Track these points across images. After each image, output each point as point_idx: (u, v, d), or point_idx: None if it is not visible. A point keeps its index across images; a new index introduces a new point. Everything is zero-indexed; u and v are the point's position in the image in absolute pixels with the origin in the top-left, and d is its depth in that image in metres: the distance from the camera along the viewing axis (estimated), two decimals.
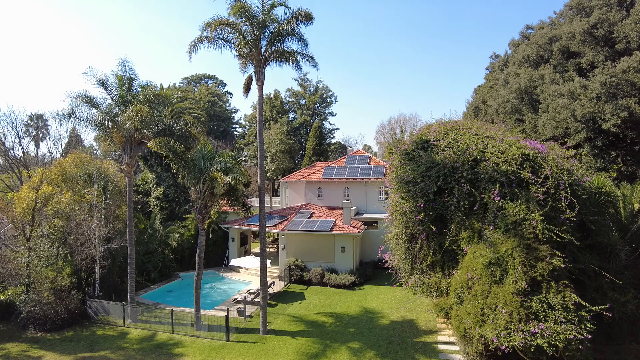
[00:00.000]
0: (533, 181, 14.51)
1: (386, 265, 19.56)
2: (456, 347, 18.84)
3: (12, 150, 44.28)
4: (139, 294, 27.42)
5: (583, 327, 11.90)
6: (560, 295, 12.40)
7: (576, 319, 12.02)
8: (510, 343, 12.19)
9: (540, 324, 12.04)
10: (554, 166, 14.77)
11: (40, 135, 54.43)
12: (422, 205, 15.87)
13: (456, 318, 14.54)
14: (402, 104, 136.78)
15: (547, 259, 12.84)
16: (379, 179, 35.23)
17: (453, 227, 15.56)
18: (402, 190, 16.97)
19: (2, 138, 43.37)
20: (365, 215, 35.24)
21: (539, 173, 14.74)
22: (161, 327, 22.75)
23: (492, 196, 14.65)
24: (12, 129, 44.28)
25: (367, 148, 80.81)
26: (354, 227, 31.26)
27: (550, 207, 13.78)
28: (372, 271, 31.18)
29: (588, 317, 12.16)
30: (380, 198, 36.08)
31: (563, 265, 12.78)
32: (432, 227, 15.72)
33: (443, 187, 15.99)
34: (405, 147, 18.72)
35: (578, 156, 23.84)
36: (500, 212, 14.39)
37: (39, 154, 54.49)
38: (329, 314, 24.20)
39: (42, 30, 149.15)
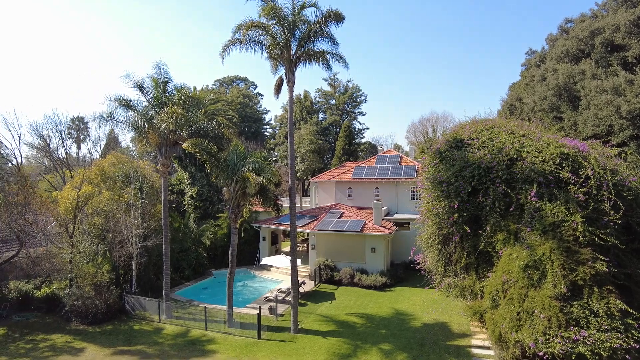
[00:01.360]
0: (573, 181, 13.90)
1: (418, 267, 19.26)
2: (491, 352, 18.35)
3: (56, 152, 46.62)
4: (173, 290, 28.19)
5: (630, 335, 11.29)
6: (604, 302, 11.81)
7: (622, 326, 11.42)
8: (550, 350, 11.72)
9: (582, 330, 11.52)
10: (596, 165, 14.08)
11: (81, 137, 57.05)
12: (456, 205, 15.51)
13: (491, 322, 14.13)
14: (433, 103, 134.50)
15: (589, 262, 12.26)
16: (411, 179, 34.76)
17: (488, 229, 15.13)
18: (435, 191, 16.65)
19: (48, 140, 45.72)
20: (396, 216, 34.84)
21: (580, 173, 14.10)
22: (194, 323, 23.30)
23: (529, 197, 14.15)
24: (56, 131, 46.59)
25: (397, 147, 79.92)
26: (384, 227, 30.98)
27: (592, 208, 13.16)
28: (403, 273, 30.80)
29: (635, 325, 11.53)
30: (411, 198, 35.60)
31: (607, 270, 12.16)
32: (466, 228, 15.33)
33: (478, 187, 15.57)
34: (437, 146, 18.36)
35: (623, 155, 22.64)
36: (537, 214, 13.87)
37: (80, 155, 57.06)
38: (360, 315, 24.09)
39: (84, 37, 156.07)
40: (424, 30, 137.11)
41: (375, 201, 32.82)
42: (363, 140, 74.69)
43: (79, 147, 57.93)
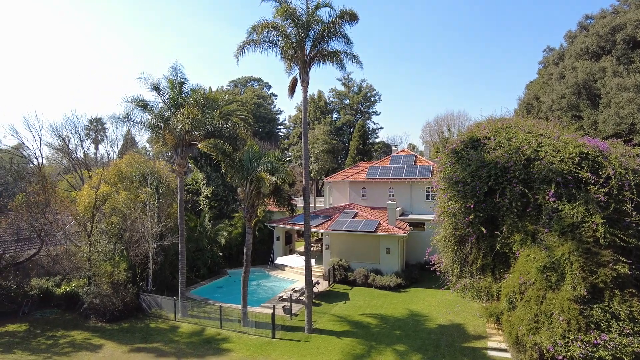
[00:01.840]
0: (593, 181, 13.60)
1: (434, 267, 19.10)
2: (507, 355, 18.08)
3: (75, 152, 47.58)
4: (189, 289, 28.49)
5: None
6: (626, 305, 11.53)
7: None
8: (569, 353, 11.48)
9: (603, 334, 11.26)
10: (618, 165, 13.73)
11: (99, 137, 58.14)
12: (472, 206, 15.33)
13: (508, 324, 13.93)
14: (449, 102, 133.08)
15: (610, 264, 11.99)
16: (426, 179, 34.47)
17: (505, 229, 14.92)
18: (450, 191, 16.48)
19: (67, 141, 46.70)
20: (411, 216, 34.60)
21: (600, 173, 13.78)
22: (210, 322, 23.52)
23: (547, 197, 13.89)
24: (75, 132, 47.54)
25: (412, 147, 79.37)
26: (399, 228, 30.79)
27: (612, 209, 12.87)
28: (418, 273, 30.57)
29: None
30: (427, 199, 35.31)
31: (629, 272, 11.87)
32: (482, 229, 15.15)
33: (494, 187, 15.36)
34: (453, 146, 18.16)
35: None
36: (555, 214, 13.62)
37: (98, 155, 58.19)
38: (374, 316, 23.99)
39: (100, 39, 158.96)
40: (440, 28, 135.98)
41: (390, 201, 32.64)
42: (377, 140, 74.43)
43: (96, 148, 59.12)
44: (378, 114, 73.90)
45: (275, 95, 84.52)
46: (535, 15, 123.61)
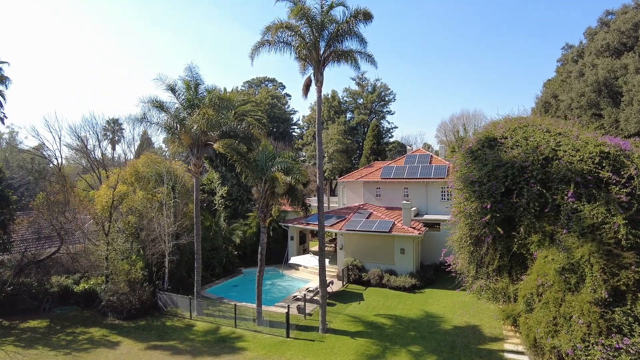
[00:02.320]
0: (614, 181, 13.25)
1: (449, 268, 18.89)
2: (525, 357, 17.78)
3: (93, 153, 48.56)
4: (204, 288, 28.77)
5: None
6: None
7: None
8: (589, 357, 11.22)
9: (625, 338, 10.97)
10: None
11: (116, 138, 59.07)
12: (488, 206, 15.10)
13: (525, 326, 13.68)
14: (464, 101, 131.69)
15: (632, 267, 11.66)
16: (441, 178, 34.14)
17: (522, 230, 14.65)
18: (466, 191, 16.26)
19: (85, 141, 47.68)
20: (426, 217, 34.32)
21: (622, 173, 13.43)
22: (224, 321, 23.71)
23: (566, 197, 13.59)
24: (93, 133, 48.56)
25: (427, 147, 78.71)
26: (414, 228, 30.56)
27: (635, 209, 12.52)
28: (433, 274, 30.30)
29: None
30: (442, 199, 34.98)
31: None
32: (499, 229, 14.90)
33: (511, 187, 15.10)
34: (469, 145, 17.90)
35: None
36: (575, 215, 13.31)
37: (115, 155, 59.18)
38: (389, 316, 23.87)
39: (118, 40, 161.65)
40: (455, 26, 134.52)
41: (405, 201, 32.43)
42: (391, 140, 74.01)
43: (114, 148, 60.09)
44: (392, 114, 73.50)
45: (289, 96, 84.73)
46: (553, 12, 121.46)
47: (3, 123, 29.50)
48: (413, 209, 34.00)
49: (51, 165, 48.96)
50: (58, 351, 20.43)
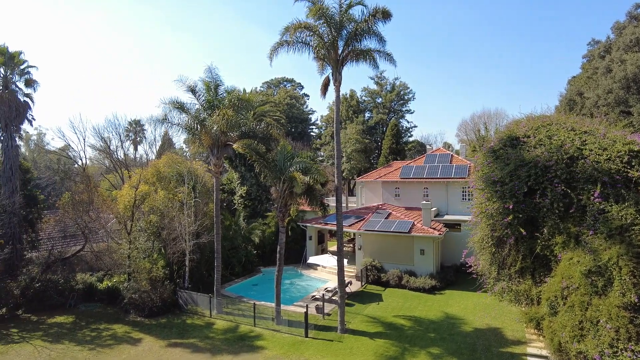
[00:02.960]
0: None
1: (470, 270, 18.58)
2: None
3: (115, 153, 49.71)
4: (223, 286, 29.07)
5: None
6: None
7: None
8: None
9: None
10: None
11: (138, 139, 60.24)
12: (510, 206, 14.77)
13: (549, 330, 13.33)
14: (485, 99, 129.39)
15: None
16: (462, 178, 33.66)
17: (545, 231, 14.28)
18: (488, 191, 15.95)
19: (108, 142, 48.85)
20: (447, 217, 33.88)
21: None
22: (244, 319, 23.90)
23: (592, 198, 13.18)
24: (116, 133, 49.75)
25: (447, 146, 77.70)
26: (434, 229, 30.20)
27: None
28: (454, 275, 29.89)
29: None
30: (463, 199, 34.48)
31: None
32: (521, 230, 14.57)
33: (534, 187, 14.74)
34: (491, 144, 17.57)
35: None
36: (601, 216, 12.89)
37: (137, 155, 60.39)
38: (408, 317, 23.65)
39: (141, 43, 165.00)
40: (475, 22, 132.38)
41: (424, 201, 32.07)
42: (411, 139, 73.30)
43: (136, 149, 61.29)
44: (412, 112, 72.78)
45: (308, 96, 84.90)
46: (578, 6, 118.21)
47: (31, 125, 30.56)
48: (433, 209, 33.60)
49: (76, 165, 50.36)
50: (83, 346, 20.98)
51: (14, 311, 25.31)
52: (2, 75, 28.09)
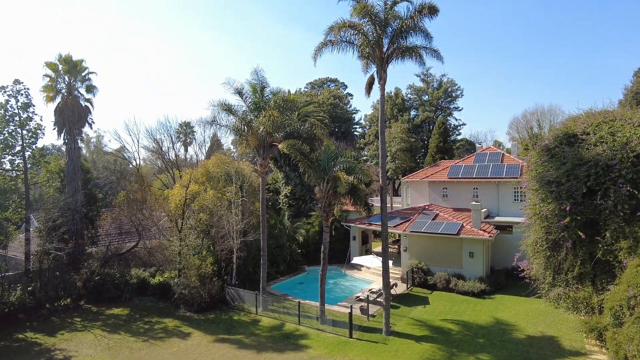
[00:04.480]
0: None
1: (522, 274, 17.70)
2: None
3: (167, 154, 51.95)
4: (269, 284, 29.53)
5: None
6: None
7: None
8: None
9: None
10: None
11: (188, 140, 62.58)
12: (567, 208, 13.93)
13: (613, 342, 12.42)
14: (538, 95, 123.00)
15: None
16: (514, 178, 32.18)
17: (608, 235, 13.35)
18: (542, 192, 15.14)
19: (160, 143, 51.15)
20: (497, 219, 32.51)
21: None
22: (288, 317, 24.16)
23: None
24: (167, 135, 52.00)
25: (498, 144, 74.61)
26: (484, 231, 29.06)
27: None
28: (505, 280, 28.60)
29: None
30: (515, 200, 32.97)
31: None
32: (580, 233, 13.71)
33: (594, 187, 13.82)
34: (545, 142, 16.68)
35: None
36: None
37: (187, 156, 62.75)
38: (456, 322, 22.90)
39: (189, 48, 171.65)
40: (528, 15, 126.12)
41: (474, 202, 30.90)
42: (459, 138, 71.03)
43: (186, 150, 63.65)
44: (460, 110, 70.44)
45: (351, 95, 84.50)
46: None
47: (91, 128, 32.63)
48: (483, 210, 32.35)
49: (130, 165, 53.12)
50: (137, 338, 22.08)
51: (77, 302, 27.13)
52: (66, 82, 30.23)
